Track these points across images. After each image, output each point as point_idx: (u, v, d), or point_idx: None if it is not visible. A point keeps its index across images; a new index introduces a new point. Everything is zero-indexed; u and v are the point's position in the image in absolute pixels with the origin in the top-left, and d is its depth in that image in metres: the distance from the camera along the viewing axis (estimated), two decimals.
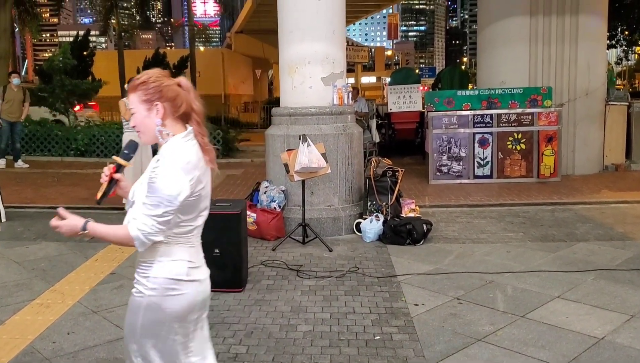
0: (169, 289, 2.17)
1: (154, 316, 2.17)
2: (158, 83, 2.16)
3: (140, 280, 2.19)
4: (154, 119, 2.15)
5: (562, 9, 10.25)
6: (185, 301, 2.20)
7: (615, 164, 10.82)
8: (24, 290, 4.87)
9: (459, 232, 6.76)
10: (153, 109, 2.15)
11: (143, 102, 2.16)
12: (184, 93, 2.20)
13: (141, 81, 2.17)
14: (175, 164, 2.08)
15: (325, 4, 6.70)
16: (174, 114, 2.17)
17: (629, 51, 39.49)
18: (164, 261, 2.17)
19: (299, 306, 4.50)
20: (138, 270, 2.21)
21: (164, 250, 2.16)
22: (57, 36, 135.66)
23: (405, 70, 17.38)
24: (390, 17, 54.99)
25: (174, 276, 2.17)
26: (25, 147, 13.53)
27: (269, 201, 6.60)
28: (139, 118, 2.18)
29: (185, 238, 2.19)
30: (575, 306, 4.41)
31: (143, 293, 2.17)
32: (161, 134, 2.15)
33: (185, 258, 2.20)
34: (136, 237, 2.05)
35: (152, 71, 2.22)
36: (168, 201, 2.04)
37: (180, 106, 2.17)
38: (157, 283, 2.16)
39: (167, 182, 2.05)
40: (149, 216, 2.04)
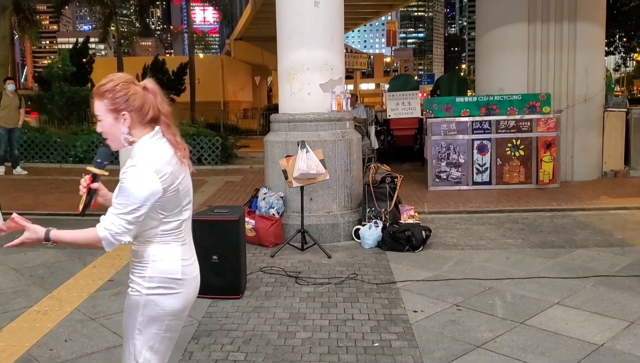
0: (167, 287, 2.22)
1: (152, 314, 2.22)
2: (125, 92, 2.15)
3: (136, 280, 2.23)
4: (121, 127, 2.16)
5: (560, 16, 10.28)
6: (181, 299, 2.27)
7: (614, 171, 10.82)
8: (22, 297, 4.85)
9: (458, 238, 6.75)
10: (120, 118, 2.15)
11: (110, 112, 2.16)
12: (151, 98, 2.20)
13: (107, 89, 2.16)
14: (144, 164, 2.09)
15: (324, 10, 6.72)
16: (142, 121, 2.18)
17: (627, 58, 39.62)
18: (159, 261, 2.21)
19: (298, 313, 4.49)
20: (133, 270, 2.24)
21: (158, 249, 2.21)
22: (57, 43, 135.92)
23: (404, 76, 17.40)
24: (389, 24, 55.06)
25: (170, 275, 2.22)
26: (24, 154, 13.53)
27: (267, 207, 6.59)
28: (106, 126, 2.18)
29: (175, 235, 2.23)
30: (574, 312, 4.40)
31: (140, 292, 2.20)
32: (127, 142, 2.17)
33: (179, 256, 2.25)
34: (104, 237, 2.05)
35: (118, 77, 2.21)
36: (139, 202, 2.05)
37: (147, 113, 2.18)
38: (154, 282, 2.20)
39: (136, 182, 2.06)
40: (118, 216, 2.05)
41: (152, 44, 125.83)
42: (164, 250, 2.22)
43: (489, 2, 10.97)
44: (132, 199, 2.05)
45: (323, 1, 6.69)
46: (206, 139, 13.48)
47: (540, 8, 10.30)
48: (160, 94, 2.26)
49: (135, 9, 34.21)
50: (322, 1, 6.68)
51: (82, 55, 25.33)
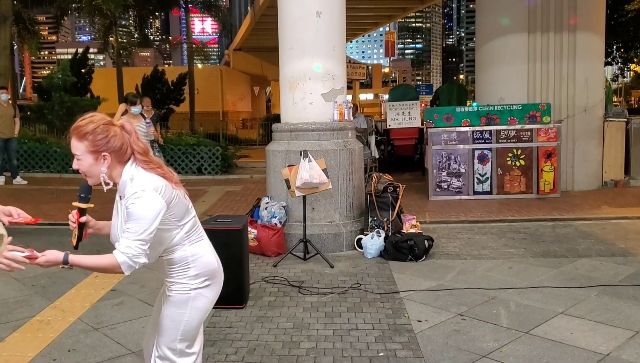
0: (209, 279, 2.47)
1: (199, 305, 2.45)
2: (105, 134, 2.26)
3: (180, 281, 2.42)
4: (101, 167, 2.28)
5: (560, 26, 10.33)
6: (218, 286, 2.54)
7: (614, 180, 10.84)
8: (24, 307, 4.83)
9: (461, 248, 6.74)
10: (100, 158, 2.27)
11: (90, 153, 2.26)
12: (127, 137, 2.32)
13: (87, 131, 2.25)
14: (144, 187, 2.23)
15: (326, 20, 6.74)
16: (120, 160, 2.31)
17: (624, 69, 39.78)
18: (199, 258, 2.44)
19: (301, 323, 4.47)
20: (173, 274, 2.43)
21: (193, 249, 2.43)
22: (56, 54, 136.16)
23: (403, 87, 17.45)
24: (387, 34, 55.29)
25: (210, 267, 2.47)
26: (24, 164, 13.52)
27: (269, 217, 6.58)
28: (85, 166, 2.28)
29: (197, 233, 2.46)
30: (579, 322, 4.38)
31: (190, 289, 2.42)
32: (105, 179, 2.29)
33: (209, 249, 2.51)
34: (123, 262, 2.18)
35: (97, 119, 2.30)
36: (149, 222, 2.19)
37: (126, 152, 2.30)
38: (200, 277, 2.44)
39: (143, 205, 2.19)
40: (133, 240, 2.18)
41: (151, 55, 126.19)
42: (197, 247, 2.44)
43: (488, 12, 11.02)
44: (143, 222, 2.19)
45: (325, 11, 6.72)
46: (206, 149, 13.48)
47: (540, 18, 10.35)
48: (135, 134, 2.37)
49: (135, 20, 34.33)
50: (324, 11, 6.71)
51: (82, 65, 25.34)
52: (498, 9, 10.65)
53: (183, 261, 2.41)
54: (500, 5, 10.60)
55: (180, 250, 2.40)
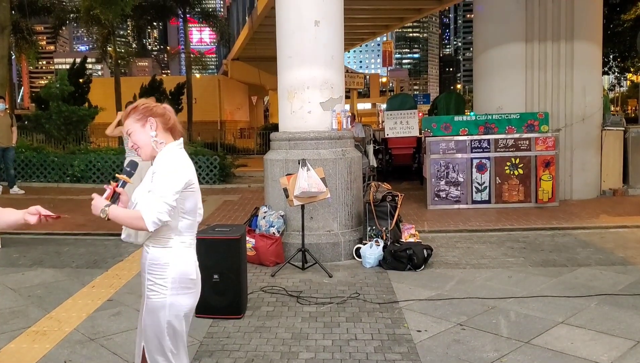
0: (186, 287, 2.51)
1: (176, 313, 2.49)
2: (147, 106, 2.57)
3: (157, 282, 2.48)
4: (149, 132, 2.53)
5: (558, 36, 10.36)
6: (196, 296, 2.58)
7: (612, 189, 10.83)
8: (20, 318, 4.78)
9: (460, 257, 6.71)
10: (147, 124, 2.53)
11: (137, 121, 2.54)
12: (170, 112, 2.61)
13: (132, 107, 2.58)
14: (174, 157, 2.48)
15: (324, 29, 6.74)
16: (165, 126, 2.56)
17: (621, 78, 39.88)
18: (179, 263, 2.49)
19: (300, 333, 4.43)
20: (151, 273, 2.49)
21: (176, 253, 2.49)
22: (54, 64, 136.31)
23: (401, 96, 17.48)
24: (384, 44, 55.41)
25: (188, 275, 2.52)
26: (21, 173, 13.47)
27: (267, 226, 6.55)
28: (135, 136, 2.54)
29: (190, 236, 2.54)
30: (579, 331, 4.35)
31: (165, 294, 2.47)
32: (156, 145, 2.52)
33: (193, 258, 2.57)
34: (147, 217, 2.33)
35: (140, 100, 2.67)
36: (175, 183, 2.39)
37: (169, 119, 2.57)
38: (176, 282, 2.48)
39: (170, 169, 2.43)
40: (159, 199, 2.35)
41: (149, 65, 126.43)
42: (182, 253, 2.51)
43: (486, 22, 11.05)
44: (171, 183, 2.39)
45: (323, 20, 6.72)
46: (204, 159, 13.46)
47: (537, 27, 10.37)
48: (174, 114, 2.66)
49: (133, 29, 34.38)
50: (322, 20, 6.71)
51: (80, 75, 25.32)
52: (495, 18, 10.68)
53: (164, 261, 2.48)
54: (497, 15, 10.63)
55: (167, 247, 2.48)
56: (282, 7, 6.99)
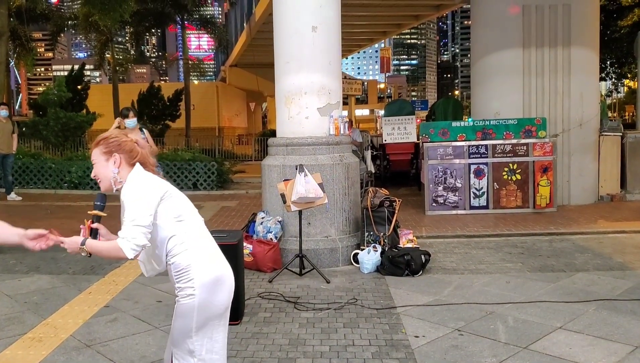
0: (214, 285, 2.51)
1: (207, 313, 2.50)
2: (118, 139, 2.58)
3: (184, 286, 2.49)
4: (112, 168, 2.55)
5: (555, 42, 10.39)
6: (228, 290, 2.58)
7: (610, 195, 10.84)
8: (16, 324, 4.76)
9: (458, 263, 6.70)
10: (111, 159, 2.56)
11: (103, 154, 2.57)
12: (139, 149, 2.61)
13: (103, 138, 2.60)
14: (138, 178, 2.51)
15: (322, 35, 6.75)
16: (130, 162, 2.56)
17: (618, 84, 40.02)
18: (200, 261, 2.50)
19: (297, 339, 4.41)
20: (178, 279, 2.51)
21: (194, 252, 2.50)
22: (52, 70, 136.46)
23: (399, 101, 17.47)
24: (382, 51, 55.66)
25: (214, 272, 2.53)
26: (19, 179, 13.45)
27: (265, 232, 6.54)
28: (98, 168, 2.58)
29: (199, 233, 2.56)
30: (578, 337, 4.34)
31: (194, 295, 2.47)
32: (115, 182, 2.55)
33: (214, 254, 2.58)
34: (123, 246, 2.36)
35: (112, 131, 2.69)
36: (144, 205, 2.41)
37: (135, 157, 2.57)
38: (202, 281, 2.48)
39: (136, 191, 2.45)
40: (132, 225, 2.37)
41: (147, 71, 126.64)
42: (200, 252, 2.52)
43: (483, 28, 11.08)
44: (139, 207, 2.40)
45: (321, 26, 6.73)
46: (202, 165, 13.45)
47: (534, 33, 10.41)
48: (148, 149, 2.68)
49: (131, 36, 34.43)
50: (319, 26, 6.72)
51: (78, 82, 25.37)
52: (493, 24, 10.71)
53: (186, 264, 2.49)
54: (495, 21, 10.67)
55: (184, 252, 2.49)
56: (279, 12, 7.00)
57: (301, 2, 6.75)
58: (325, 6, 6.79)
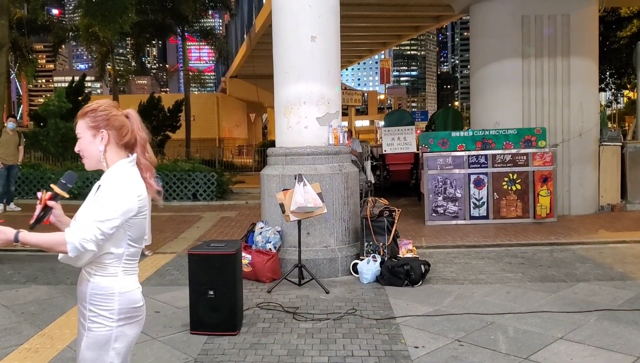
0: (133, 316, 2.30)
1: (122, 344, 2.28)
2: (106, 112, 2.28)
3: (101, 314, 2.23)
4: (98, 145, 2.27)
5: (554, 52, 10.41)
6: (142, 323, 2.37)
7: (611, 205, 10.81)
8: (12, 335, 4.72)
9: (457, 273, 6.66)
10: (98, 135, 2.27)
11: (90, 128, 2.28)
12: (130, 123, 2.33)
13: (90, 109, 2.30)
14: (125, 180, 2.22)
15: (321, 45, 6.75)
16: (118, 142, 2.29)
17: (618, 95, 40.05)
18: (126, 293, 2.27)
19: (296, 350, 4.37)
20: (94, 303, 2.24)
21: (123, 281, 2.26)
22: (53, 82, 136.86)
23: (399, 112, 17.51)
24: (382, 62, 55.67)
25: (134, 304, 2.30)
26: (18, 190, 13.43)
27: (264, 242, 6.51)
28: (83, 143, 2.30)
29: (135, 263, 2.32)
30: (579, 347, 4.30)
31: (111, 326, 2.24)
32: (104, 161, 2.28)
33: (137, 285, 2.34)
34: (70, 241, 2.08)
35: (103, 101, 2.36)
36: (115, 214, 2.13)
37: (125, 135, 2.30)
38: (123, 312, 2.25)
39: (117, 194, 2.16)
40: (93, 223, 2.11)
41: (148, 83, 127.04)
42: (129, 280, 2.29)
43: (482, 38, 11.10)
44: (111, 210, 2.13)
45: (320, 36, 6.73)
46: (201, 175, 13.44)
47: (534, 44, 10.43)
48: (140, 122, 2.37)
49: (132, 48, 34.52)
50: (318, 36, 6.72)
51: (78, 93, 25.40)
52: (492, 34, 10.73)
53: (109, 291, 2.23)
54: (494, 31, 10.69)
55: (110, 276, 2.24)
56: (279, 22, 7.01)
57: (300, 12, 6.76)
58: (324, 16, 6.80)
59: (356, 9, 15.17)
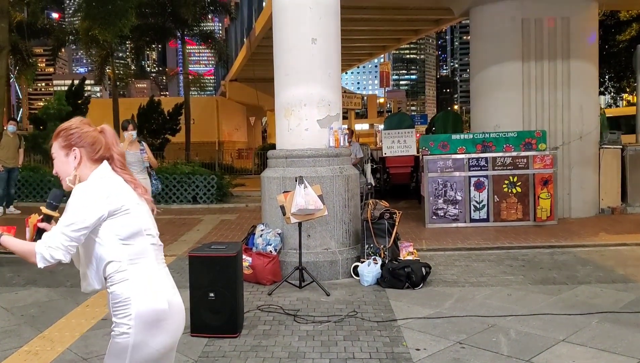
0: (155, 322, 2.17)
1: (143, 355, 2.17)
2: (77, 130, 2.27)
3: (118, 321, 2.16)
4: (71, 164, 2.27)
5: (554, 55, 10.41)
6: (171, 330, 2.23)
7: (611, 207, 10.80)
8: (12, 337, 4.70)
9: (458, 275, 6.64)
10: (71, 154, 2.26)
11: (62, 148, 2.27)
12: (103, 139, 2.32)
13: (62, 128, 2.29)
14: (92, 185, 2.19)
15: (321, 47, 6.75)
16: (92, 157, 2.28)
17: (617, 98, 40.09)
18: (142, 294, 2.17)
19: (297, 352, 4.36)
20: (116, 313, 2.18)
21: (136, 283, 2.18)
22: (52, 85, 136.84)
23: (399, 115, 17.53)
24: (382, 65, 55.81)
25: (156, 306, 2.18)
26: (18, 193, 13.41)
27: (264, 244, 6.49)
28: (58, 164, 2.30)
29: (147, 264, 2.23)
30: (581, 350, 4.28)
31: (129, 333, 2.14)
32: (73, 182, 2.26)
33: (160, 285, 2.24)
34: (38, 252, 2.08)
35: (74, 119, 2.35)
36: (80, 219, 2.10)
37: (98, 150, 2.28)
38: (141, 317, 2.15)
39: (82, 201, 2.13)
40: (59, 231, 2.10)
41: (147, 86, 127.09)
42: (143, 283, 2.19)
43: (482, 41, 11.11)
44: (75, 216, 2.11)
45: (320, 38, 6.73)
46: (201, 178, 13.43)
47: (533, 47, 10.44)
48: (115, 137, 2.37)
49: (131, 51, 34.53)
50: (319, 38, 6.72)
51: (78, 96, 25.41)
52: (492, 37, 10.74)
53: (125, 296, 2.16)
54: (494, 34, 10.70)
55: (125, 281, 2.18)
56: (279, 24, 7.01)
57: (301, 14, 6.76)
58: (324, 18, 6.80)
59: (356, 12, 15.18)
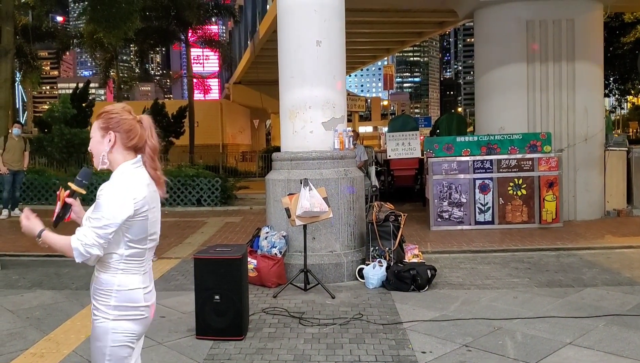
0: (132, 312, 2.36)
1: (120, 338, 2.35)
2: (117, 115, 2.39)
3: (101, 308, 2.34)
4: (105, 146, 2.37)
5: (559, 57, 10.39)
6: (143, 323, 2.42)
7: (617, 210, 10.76)
8: (18, 340, 4.70)
9: (464, 278, 6.62)
10: (107, 136, 2.37)
11: (100, 129, 2.39)
12: (141, 129, 2.42)
13: (105, 111, 2.41)
14: (121, 184, 2.29)
15: (326, 49, 6.75)
16: (125, 144, 2.38)
17: (622, 100, 40.04)
18: (124, 291, 2.34)
19: (302, 355, 4.35)
20: (97, 298, 2.36)
21: (122, 279, 2.34)
22: (57, 89, 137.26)
23: (403, 117, 17.50)
24: (385, 68, 55.81)
25: (132, 303, 2.36)
26: (23, 196, 13.44)
27: (269, 247, 6.48)
28: (93, 143, 2.41)
29: (138, 263, 2.38)
30: (588, 353, 4.26)
31: (107, 319, 2.33)
32: (102, 161, 2.38)
33: (140, 285, 2.39)
34: (75, 248, 2.21)
35: (118, 104, 2.46)
36: (111, 219, 2.22)
37: (132, 138, 2.38)
38: (120, 307, 2.33)
39: (111, 199, 2.25)
40: (91, 229, 2.23)
41: (151, 89, 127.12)
42: (129, 280, 2.35)
43: (486, 44, 11.09)
44: (106, 216, 2.22)
45: (325, 40, 6.73)
46: (205, 181, 13.44)
47: (538, 48, 10.41)
48: (153, 130, 2.46)
49: (135, 54, 34.64)
50: (323, 40, 6.72)
51: (83, 99, 25.43)
52: (496, 39, 10.72)
53: (107, 287, 2.34)
54: (498, 36, 10.68)
55: (110, 273, 2.34)
56: (284, 27, 7.01)
57: (305, 17, 6.76)
58: (329, 20, 6.80)
59: (360, 14, 15.19)
